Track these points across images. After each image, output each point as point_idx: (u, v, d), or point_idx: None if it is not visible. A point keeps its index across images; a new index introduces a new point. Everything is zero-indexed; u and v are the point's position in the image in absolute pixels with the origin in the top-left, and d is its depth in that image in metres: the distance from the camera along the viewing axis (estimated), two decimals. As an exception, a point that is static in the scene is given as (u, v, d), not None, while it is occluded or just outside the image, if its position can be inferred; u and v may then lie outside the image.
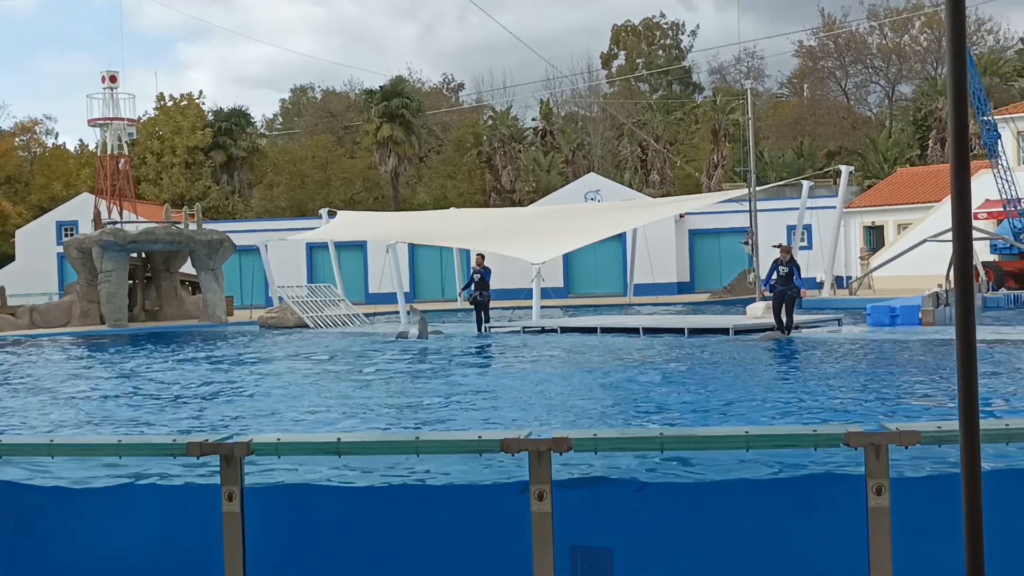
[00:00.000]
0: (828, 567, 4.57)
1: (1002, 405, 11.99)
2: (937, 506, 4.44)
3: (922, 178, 52.03)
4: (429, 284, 52.21)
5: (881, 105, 78.59)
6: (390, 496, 5.18)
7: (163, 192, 64.86)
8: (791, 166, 64.01)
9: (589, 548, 4.72)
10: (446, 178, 71.79)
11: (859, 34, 76.08)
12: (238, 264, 46.98)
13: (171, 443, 4.67)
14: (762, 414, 11.89)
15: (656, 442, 4.59)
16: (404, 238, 38.27)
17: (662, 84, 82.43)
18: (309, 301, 34.31)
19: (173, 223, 39.47)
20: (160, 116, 68.60)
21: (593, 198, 49.60)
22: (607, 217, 37.11)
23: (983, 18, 72.64)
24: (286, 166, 71.82)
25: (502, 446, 4.43)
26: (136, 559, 4.82)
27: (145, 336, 31.65)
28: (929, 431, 4.34)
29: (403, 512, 4.81)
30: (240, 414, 13.26)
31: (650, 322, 27.50)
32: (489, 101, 79.92)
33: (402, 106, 66.37)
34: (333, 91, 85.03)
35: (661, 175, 65.89)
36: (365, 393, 15.24)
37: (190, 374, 19.09)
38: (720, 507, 4.76)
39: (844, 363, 17.83)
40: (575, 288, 50.76)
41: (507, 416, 12.39)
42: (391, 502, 4.96)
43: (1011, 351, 18.10)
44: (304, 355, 22.71)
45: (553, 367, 18.48)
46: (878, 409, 12.02)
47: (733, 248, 47.97)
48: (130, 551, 4.83)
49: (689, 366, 17.97)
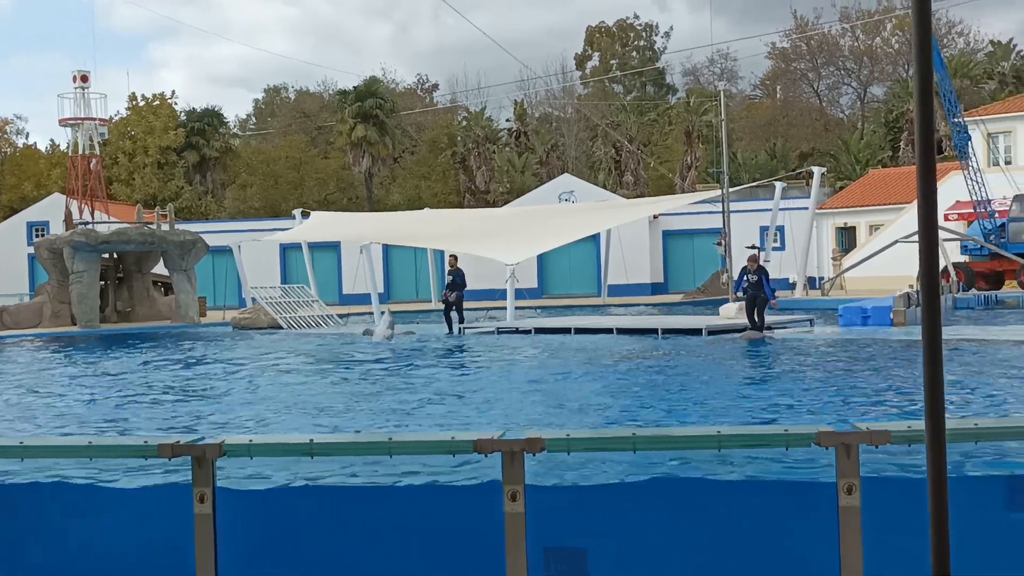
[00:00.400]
0: (805, 565, 4.60)
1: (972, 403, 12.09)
2: (910, 506, 4.48)
3: (894, 179, 52.37)
4: (403, 285, 52.12)
5: (853, 107, 79.06)
6: (362, 496, 5.18)
7: (135, 192, 64.49)
8: (764, 167, 64.30)
9: (563, 549, 4.73)
10: (420, 179, 71.70)
11: (831, 36, 76.52)
12: (211, 265, 46.74)
13: (142, 445, 4.65)
14: (735, 414, 11.94)
15: (629, 442, 4.61)
16: (378, 239, 38.19)
17: (636, 85, 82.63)
18: (282, 302, 34.19)
19: (145, 223, 39.24)
20: (132, 116, 68.21)
21: (567, 199, 49.65)
22: (581, 218, 37.16)
23: (953, 21, 73.23)
24: (259, 166, 71.55)
25: (475, 447, 4.44)
26: (108, 560, 4.79)
27: (117, 337, 31.46)
28: (899, 431, 4.38)
29: (376, 513, 4.80)
30: (212, 415, 13.20)
31: (624, 322, 27.56)
32: (463, 102, 79.97)
33: (376, 106, 66.27)
34: (307, 91, 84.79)
35: (635, 176, 66.06)
36: (338, 394, 15.20)
37: (162, 375, 18.99)
38: (695, 507, 4.78)
39: (816, 363, 17.92)
40: (549, 289, 50.80)
41: (481, 417, 12.39)
42: (363, 502, 4.95)
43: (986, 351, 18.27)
44: (277, 356, 22.62)
45: (528, 368, 18.49)
46: (850, 409, 12.09)
47: (706, 249, 48.13)
48: (101, 552, 4.80)
49: (663, 366, 18.01)
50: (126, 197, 63.35)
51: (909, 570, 4.36)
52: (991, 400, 12.42)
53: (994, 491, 4.77)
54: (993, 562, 4.51)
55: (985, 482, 5.16)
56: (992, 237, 39.37)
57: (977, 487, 4.84)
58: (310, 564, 4.77)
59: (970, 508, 4.42)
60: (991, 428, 4.66)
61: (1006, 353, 17.94)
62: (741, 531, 4.67)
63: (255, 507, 4.92)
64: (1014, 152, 45.43)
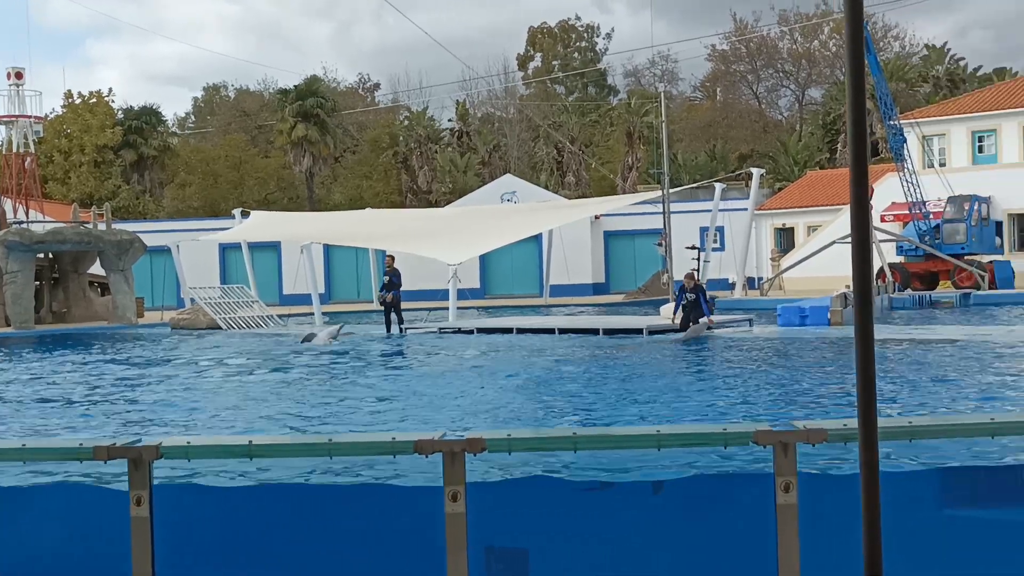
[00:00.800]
0: (742, 563, 4.63)
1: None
2: (846, 503, 4.53)
3: (831, 181, 53.07)
4: (344, 285, 51.86)
5: (792, 109, 79.98)
6: (302, 496, 5.14)
7: (71, 191, 63.54)
8: (704, 168, 64.84)
9: (504, 549, 4.73)
10: (362, 178, 71.39)
11: (770, 39, 77.40)
12: (149, 265, 46.17)
13: (78, 447, 4.58)
14: (675, 413, 12.02)
15: (570, 442, 4.62)
16: (319, 238, 37.97)
17: (577, 86, 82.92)
18: (222, 302, 33.87)
19: (81, 223, 38.68)
20: (68, 114, 67.21)
21: (509, 199, 49.71)
22: (523, 218, 37.21)
23: (889, 25, 74.38)
24: (198, 165, 70.79)
25: (416, 447, 4.42)
26: (42, 565, 4.71)
27: (52, 338, 30.97)
28: (835, 429, 4.43)
29: (316, 513, 4.77)
30: (150, 417, 13.03)
31: (566, 323, 27.65)
32: (405, 101, 79.73)
33: (317, 106, 65.90)
34: (247, 90, 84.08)
35: (577, 177, 66.31)
36: (278, 395, 15.08)
37: (97, 376, 18.72)
38: (635, 505, 4.80)
39: (755, 363, 18.11)
40: (492, 289, 50.82)
41: (421, 417, 12.36)
42: (303, 502, 4.92)
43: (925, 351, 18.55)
44: (217, 357, 22.41)
45: (470, 368, 18.48)
46: (788, 407, 12.23)
47: (647, 249, 48.44)
48: (35, 556, 4.73)
49: (604, 366, 18.09)
50: (62, 196, 62.38)
51: (847, 568, 4.41)
52: (932, 398, 12.63)
53: (928, 487, 4.85)
54: (927, 558, 4.58)
55: (919, 478, 5.24)
56: (927, 238, 40.02)
57: (911, 483, 4.92)
58: (249, 563, 4.73)
59: (903, 505, 4.49)
60: (926, 426, 4.74)
61: (941, 352, 18.25)
62: (680, 527, 4.70)
63: (192, 508, 4.86)
64: (948, 154, 46.23)
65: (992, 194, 43.14)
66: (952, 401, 12.36)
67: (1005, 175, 44.01)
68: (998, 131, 45.27)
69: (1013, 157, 44.84)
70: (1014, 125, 44.82)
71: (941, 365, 16.23)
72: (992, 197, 43.15)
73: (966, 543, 4.67)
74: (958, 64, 70.87)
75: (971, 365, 16.08)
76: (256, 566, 4.74)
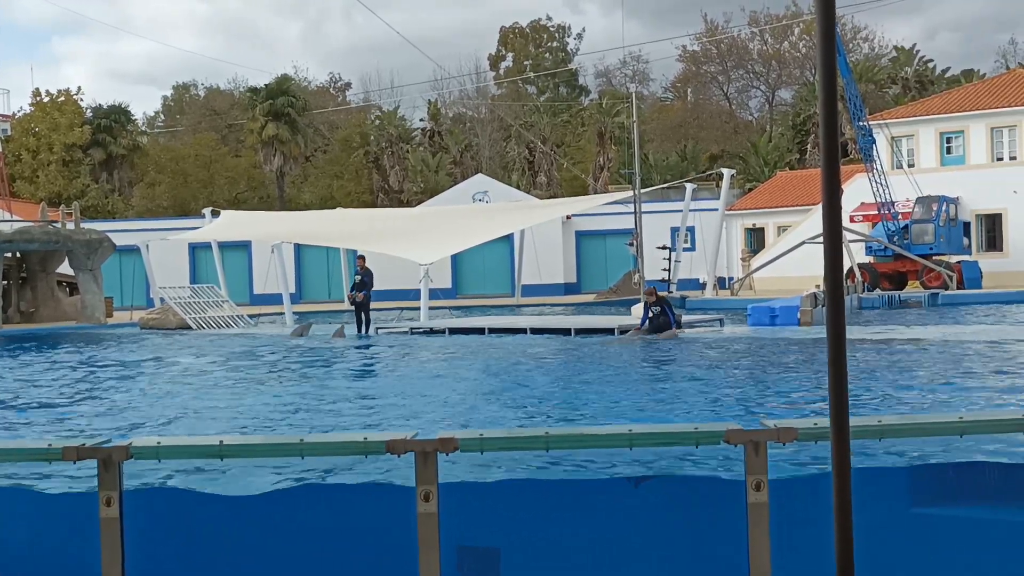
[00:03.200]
0: (715, 562, 4.65)
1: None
2: (816, 502, 4.56)
3: (801, 181, 53.37)
4: (315, 285, 51.71)
5: (762, 110, 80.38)
6: (274, 497, 5.12)
7: (39, 190, 63.03)
8: (675, 169, 65.04)
9: (476, 548, 4.73)
10: (333, 178, 71.18)
11: (740, 40, 77.72)
12: (118, 264, 45.88)
13: (46, 447, 4.54)
14: (646, 412, 12.05)
15: (542, 441, 4.63)
16: (290, 238, 37.82)
17: (549, 86, 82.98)
18: (192, 302, 33.67)
19: (50, 222, 38.37)
20: (36, 112, 66.65)
21: (481, 199, 49.71)
22: (495, 218, 37.21)
23: (859, 26, 74.83)
24: (168, 164, 70.34)
25: (388, 447, 4.42)
26: (9, 566, 4.68)
27: (19, 338, 30.70)
28: (806, 428, 4.46)
29: (288, 513, 4.76)
30: (119, 417, 12.94)
31: (538, 322, 27.68)
32: (376, 101, 79.55)
33: (287, 105, 65.67)
34: (217, 89, 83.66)
35: (548, 177, 66.36)
36: (247, 395, 15.02)
37: (65, 377, 18.58)
38: (606, 504, 4.81)
39: (726, 362, 18.18)
40: (463, 289, 50.79)
41: (393, 416, 12.34)
42: (275, 503, 4.90)
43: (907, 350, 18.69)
44: (187, 357, 22.29)
45: (441, 368, 18.46)
46: (758, 407, 12.28)
47: (618, 249, 48.55)
48: (2, 557, 4.69)
49: (576, 366, 18.12)
50: (30, 195, 61.85)
51: (816, 566, 4.44)
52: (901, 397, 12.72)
53: (897, 486, 4.89)
54: (898, 555, 4.61)
55: (889, 475, 5.28)
56: (896, 238, 40.33)
57: (881, 481, 4.95)
58: (219, 564, 4.70)
59: (872, 503, 4.52)
60: (895, 425, 4.77)
61: (904, 350, 18.39)
62: (652, 527, 4.72)
63: (162, 509, 4.84)
64: (917, 155, 46.59)
65: (960, 195, 43.54)
66: (921, 400, 12.45)
67: (973, 176, 44.40)
68: (966, 132, 45.66)
69: (981, 158, 45.24)
70: (982, 126, 45.22)
71: (909, 364, 16.35)
72: (960, 198, 43.54)
73: (935, 541, 4.71)
74: (926, 66, 71.43)
75: (940, 364, 16.21)
76: (222, 566, 4.71)
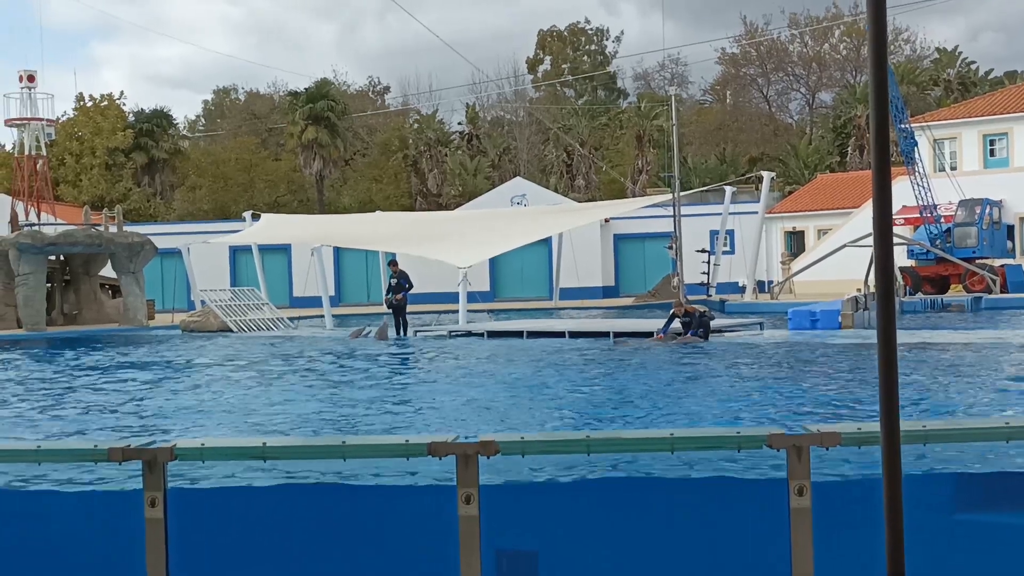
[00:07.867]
0: (755, 566, 4.63)
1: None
2: (862, 508, 4.52)
3: (841, 184, 53.00)
4: (355, 288, 51.90)
5: (802, 112, 79.91)
6: (317, 496, 5.14)
7: (82, 194, 63.73)
8: (714, 172, 64.78)
9: (514, 551, 4.73)
10: (372, 181, 71.47)
11: (780, 42, 77.30)
12: (160, 267, 46.27)
13: (92, 448, 4.59)
14: (688, 417, 12.01)
15: (583, 445, 4.62)
16: (329, 241, 38.01)
17: (587, 89, 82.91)
18: (232, 305, 33.91)
19: (93, 225, 38.78)
20: (79, 117, 67.41)
21: (519, 202, 49.73)
22: (533, 221, 37.22)
23: (900, 28, 74.25)
24: (209, 168, 70.92)
25: (429, 450, 4.43)
26: (58, 565, 4.73)
27: (64, 340, 31.04)
28: (850, 432, 4.42)
29: (330, 513, 4.78)
30: (164, 419, 13.06)
31: (576, 326, 27.64)
32: (415, 104, 79.82)
33: (327, 108, 65.98)
34: (257, 93, 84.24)
35: (586, 180, 66.29)
36: (290, 397, 15.10)
37: (110, 378, 18.76)
38: (643, 506, 4.79)
39: (767, 366, 18.07)
40: (501, 292, 50.81)
41: (433, 419, 12.36)
42: (318, 503, 4.92)
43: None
44: (228, 359, 22.44)
45: (482, 371, 18.48)
46: (800, 411, 12.20)
47: (657, 252, 48.40)
48: (51, 557, 4.74)
49: (616, 369, 18.08)
50: (73, 198, 62.55)
51: (860, 572, 4.41)
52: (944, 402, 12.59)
53: (943, 492, 4.84)
54: (941, 562, 4.57)
55: (934, 482, 5.23)
56: (938, 242, 39.94)
57: (925, 487, 4.91)
58: (263, 565, 4.73)
59: (917, 508, 4.48)
60: (940, 430, 4.73)
61: (954, 355, 18.20)
62: (693, 529, 4.70)
63: (207, 509, 4.88)
64: (959, 158, 46.12)
65: (1004, 198, 43.06)
66: (968, 405, 12.32)
67: (1017, 178, 43.90)
68: (1009, 134, 45.16)
69: (1024, 160, 44.75)
70: (1026, 128, 44.72)
71: (955, 368, 16.18)
72: (1004, 201, 43.06)
73: (978, 548, 4.66)
74: (969, 67, 70.74)
75: (986, 369, 16.04)
76: (265, 567, 4.74)
